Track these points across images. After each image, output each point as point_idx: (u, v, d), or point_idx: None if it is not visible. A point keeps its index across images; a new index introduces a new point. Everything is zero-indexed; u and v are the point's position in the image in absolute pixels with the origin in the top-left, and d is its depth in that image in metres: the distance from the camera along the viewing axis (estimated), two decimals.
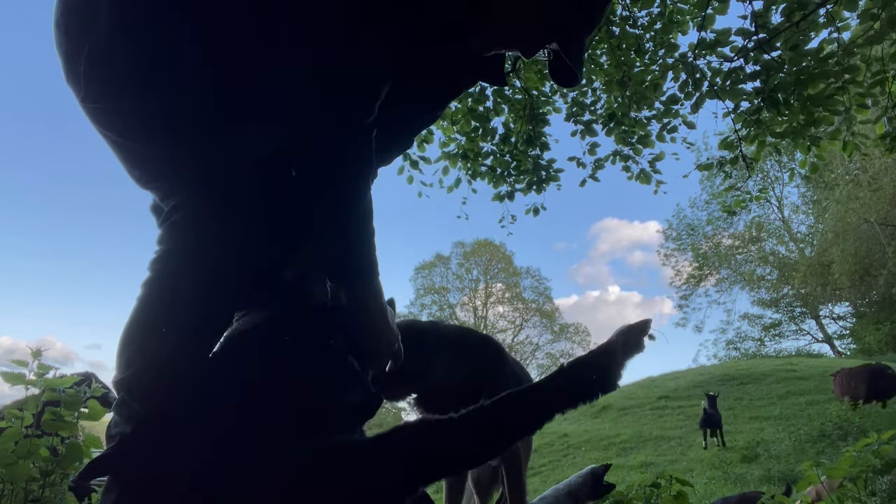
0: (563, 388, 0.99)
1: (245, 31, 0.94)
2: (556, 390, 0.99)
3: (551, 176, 4.79)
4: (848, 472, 2.07)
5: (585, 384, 0.99)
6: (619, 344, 1.01)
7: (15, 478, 1.43)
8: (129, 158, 0.98)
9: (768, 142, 4.04)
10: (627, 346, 1.01)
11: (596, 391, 0.99)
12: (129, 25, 0.88)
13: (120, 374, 0.92)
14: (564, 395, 0.98)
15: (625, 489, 2.15)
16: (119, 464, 0.86)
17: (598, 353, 1.02)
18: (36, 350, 1.57)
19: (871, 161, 17.67)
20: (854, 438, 6.94)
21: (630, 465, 8.40)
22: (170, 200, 0.97)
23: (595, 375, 0.99)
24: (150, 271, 0.95)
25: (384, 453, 0.90)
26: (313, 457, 0.87)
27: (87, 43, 0.88)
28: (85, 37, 0.89)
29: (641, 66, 4.29)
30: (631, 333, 1.03)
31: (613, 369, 1.00)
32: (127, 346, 0.93)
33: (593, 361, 1.01)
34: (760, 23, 3.53)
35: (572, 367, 1.01)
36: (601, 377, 0.99)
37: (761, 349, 26.97)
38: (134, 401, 0.91)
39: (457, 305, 28.68)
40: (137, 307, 0.94)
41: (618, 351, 1.01)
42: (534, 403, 0.99)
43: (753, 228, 27.14)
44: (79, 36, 0.90)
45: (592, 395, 0.98)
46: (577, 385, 0.99)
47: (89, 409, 1.63)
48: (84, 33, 0.89)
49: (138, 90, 0.90)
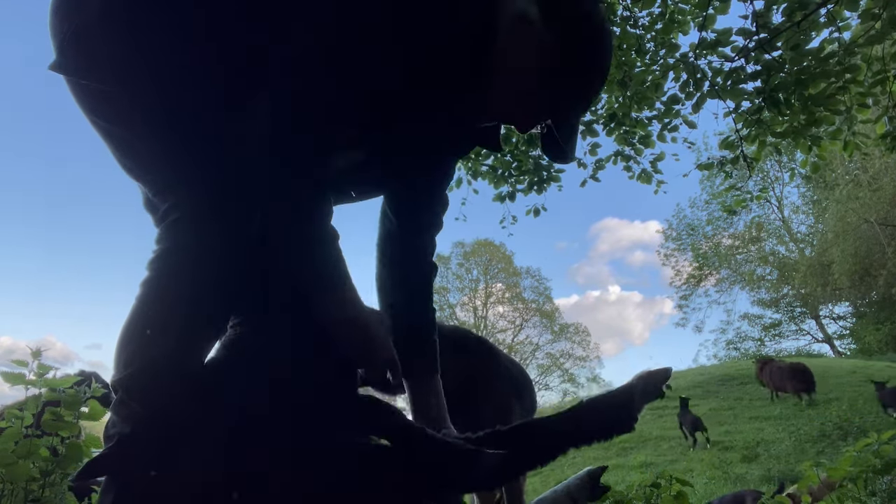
0: (580, 426, 1.02)
1: (243, 25, 0.94)
2: (573, 428, 1.01)
3: (552, 176, 4.80)
4: (848, 472, 2.07)
5: (602, 425, 1.02)
6: (639, 389, 1.04)
7: (15, 478, 1.43)
8: (120, 147, 0.98)
9: (769, 141, 4.04)
10: (646, 393, 1.04)
11: (612, 433, 1.01)
12: (119, 8, 0.89)
13: (118, 374, 0.92)
14: (579, 433, 1.00)
15: (625, 489, 2.15)
16: (117, 464, 0.86)
17: (618, 396, 1.05)
18: (36, 350, 1.56)
19: (872, 161, 17.67)
20: (854, 438, 6.95)
21: (630, 465, 8.40)
22: (166, 197, 0.97)
23: (612, 418, 1.02)
24: (148, 271, 0.95)
25: (388, 461, 0.90)
26: (314, 458, 0.87)
27: (77, 20, 0.88)
28: (76, 15, 0.89)
29: (642, 67, 4.29)
30: (650, 380, 1.05)
31: (631, 413, 1.02)
32: (125, 345, 0.92)
33: (612, 403, 1.04)
34: (761, 22, 3.53)
35: (591, 406, 1.04)
36: (618, 419, 1.02)
37: (761, 349, 26.98)
38: (132, 400, 0.91)
39: (457, 305, 28.70)
40: (136, 307, 0.94)
41: (636, 396, 1.03)
42: (549, 438, 1.01)
43: (753, 228, 27.15)
44: (69, 15, 0.90)
45: (608, 436, 1.01)
46: (593, 424, 1.02)
47: (89, 409, 1.62)
48: (75, 12, 0.89)
49: (127, 74, 0.90)
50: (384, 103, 1.00)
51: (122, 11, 0.89)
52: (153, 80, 0.91)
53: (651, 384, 1.04)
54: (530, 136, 4.63)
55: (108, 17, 0.88)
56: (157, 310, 0.93)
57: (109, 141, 0.98)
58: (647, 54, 4.25)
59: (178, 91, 0.92)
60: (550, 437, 1.01)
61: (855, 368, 13.19)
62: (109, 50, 0.90)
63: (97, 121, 0.96)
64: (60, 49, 0.90)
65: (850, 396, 9.90)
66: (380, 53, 0.95)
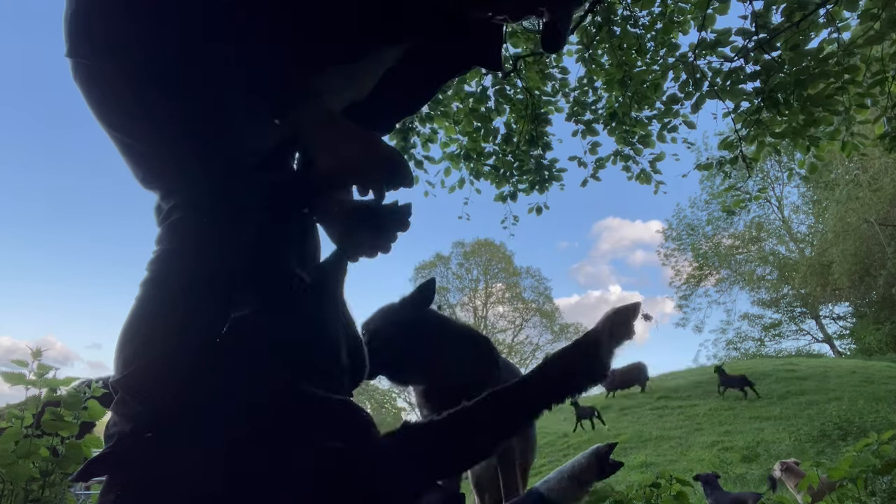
0: (548, 381, 0.93)
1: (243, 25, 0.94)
2: (540, 384, 0.93)
3: (554, 176, 4.80)
4: (848, 472, 2.07)
5: (571, 375, 0.92)
6: (606, 330, 0.94)
7: (15, 478, 1.44)
8: (133, 157, 0.99)
9: (768, 142, 4.04)
10: (615, 332, 0.93)
11: (584, 382, 0.92)
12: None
13: (118, 374, 0.92)
14: (550, 389, 0.92)
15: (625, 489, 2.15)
16: (117, 463, 0.86)
17: (583, 341, 0.95)
18: (36, 350, 1.57)
19: (871, 161, 17.68)
20: (854, 438, 6.95)
21: (630, 465, 8.40)
22: (169, 200, 0.97)
23: (581, 365, 0.92)
24: (148, 271, 0.95)
25: (372, 457, 0.89)
26: (314, 457, 0.87)
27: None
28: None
29: (642, 66, 4.30)
30: (617, 317, 0.94)
31: (600, 357, 0.92)
32: (125, 345, 0.93)
33: (578, 352, 0.94)
34: (761, 23, 3.53)
35: (557, 358, 0.94)
36: (587, 366, 0.92)
37: (761, 349, 26.99)
38: (133, 400, 0.91)
39: (457, 305, 28.70)
40: (136, 307, 0.94)
41: (603, 337, 0.93)
42: (518, 400, 0.93)
43: (753, 228, 27.16)
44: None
45: (580, 387, 0.92)
46: (562, 377, 0.92)
47: (89, 410, 1.63)
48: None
49: (125, 50, 0.91)
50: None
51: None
52: (148, 55, 0.92)
53: (619, 323, 0.93)
54: (531, 136, 4.64)
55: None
56: (157, 310, 0.93)
57: (126, 153, 0.99)
58: (646, 54, 4.25)
59: (186, 99, 0.93)
60: (519, 399, 0.92)
61: (855, 368, 13.19)
62: (107, 27, 0.91)
63: (114, 133, 0.97)
64: (74, 30, 0.91)
65: (850, 396, 9.90)
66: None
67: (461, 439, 0.90)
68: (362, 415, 0.96)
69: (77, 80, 0.96)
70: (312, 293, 1.02)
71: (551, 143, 4.70)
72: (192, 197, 0.95)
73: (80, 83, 0.96)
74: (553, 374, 0.93)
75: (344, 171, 0.97)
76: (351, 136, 0.96)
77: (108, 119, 0.97)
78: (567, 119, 4.66)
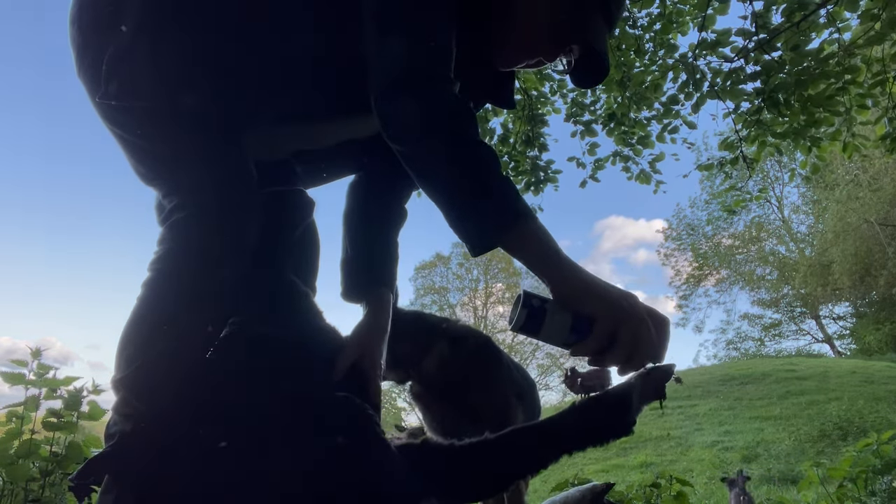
0: (574, 430, 0.94)
1: (262, 32, 0.95)
2: (565, 432, 0.94)
3: (549, 177, 4.78)
4: (848, 472, 2.08)
5: (596, 430, 0.94)
6: (637, 389, 0.94)
7: (15, 478, 1.44)
8: (135, 154, 0.99)
9: (769, 142, 4.04)
10: (646, 393, 0.94)
11: (608, 437, 0.93)
12: (151, 26, 0.90)
13: (119, 373, 0.92)
14: (573, 438, 0.93)
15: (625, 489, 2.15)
16: (117, 463, 0.86)
17: (614, 396, 0.96)
18: (36, 350, 1.57)
19: (872, 161, 17.67)
20: (854, 438, 6.95)
21: (630, 465, 8.40)
22: (171, 199, 0.97)
23: (608, 421, 0.94)
24: (150, 271, 0.96)
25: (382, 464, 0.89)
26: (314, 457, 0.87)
27: (111, 42, 0.90)
28: (103, 34, 0.90)
29: (641, 67, 4.29)
30: (650, 379, 0.94)
31: (628, 415, 0.93)
32: (126, 345, 0.93)
33: (607, 404, 0.95)
34: (761, 23, 3.53)
35: (585, 408, 0.96)
36: (614, 423, 0.93)
37: (761, 349, 26.97)
38: (134, 399, 0.91)
39: (457, 305, 28.68)
40: (137, 307, 0.94)
41: (634, 396, 0.93)
42: (540, 444, 0.94)
43: (753, 228, 27.14)
44: (95, 33, 0.92)
45: (603, 441, 0.93)
46: (587, 431, 0.94)
47: (89, 410, 1.63)
48: (101, 31, 0.91)
49: (155, 90, 0.91)
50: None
51: (153, 30, 0.90)
52: (177, 98, 0.92)
53: (651, 383, 0.94)
54: (528, 137, 4.63)
55: (139, 37, 0.90)
56: (158, 310, 0.93)
57: (127, 149, 1.00)
58: (646, 55, 4.24)
59: (199, 105, 0.93)
60: (541, 442, 0.94)
61: (855, 368, 13.18)
62: (139, 71, 0.91)
63: (115, 130, 0.97)
64: (107, 75, 0.91)
65: (850, 396, 9.89)
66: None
67: (478, 469, 0.91)
68: (364, 411, 0.96)
69: (80, 75, 0.96)
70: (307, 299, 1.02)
71: (547, 144, 4.69)
72: (195, 197, 0.95)
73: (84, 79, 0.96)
74: (578, 426, 0.95)
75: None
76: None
77: (112, 117, 0.97)
78: (565, 120, 4.65)
